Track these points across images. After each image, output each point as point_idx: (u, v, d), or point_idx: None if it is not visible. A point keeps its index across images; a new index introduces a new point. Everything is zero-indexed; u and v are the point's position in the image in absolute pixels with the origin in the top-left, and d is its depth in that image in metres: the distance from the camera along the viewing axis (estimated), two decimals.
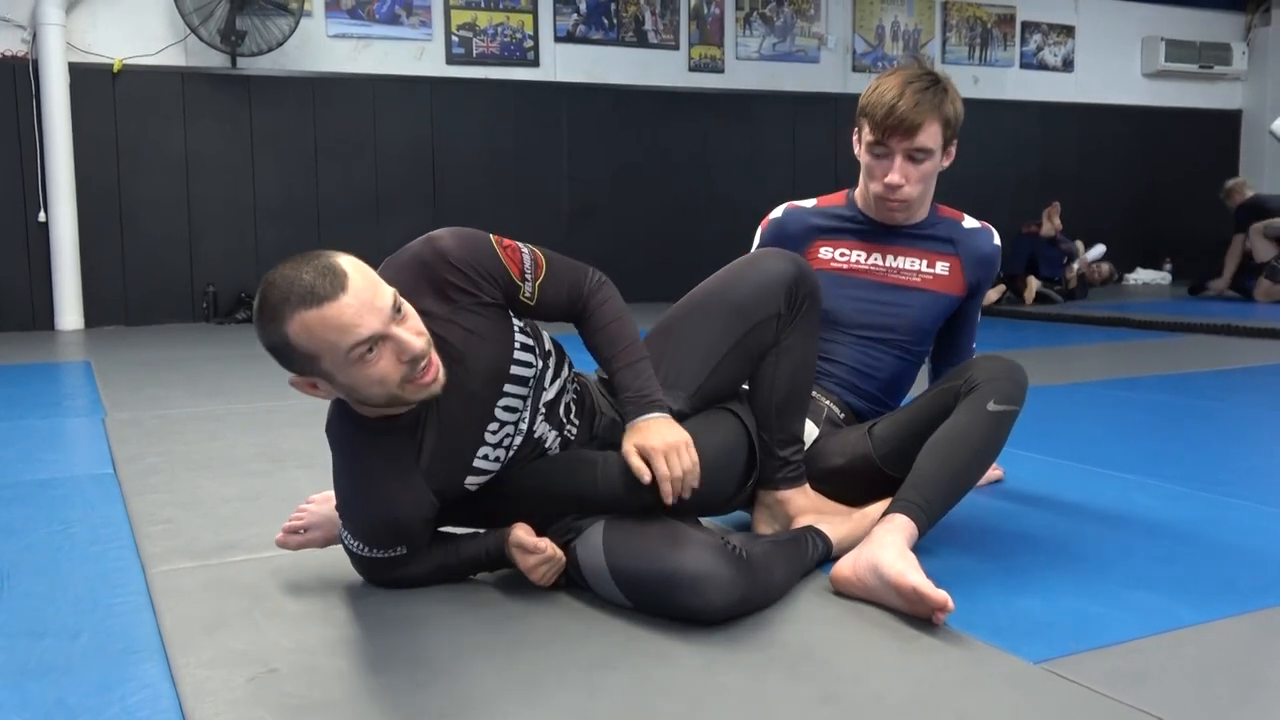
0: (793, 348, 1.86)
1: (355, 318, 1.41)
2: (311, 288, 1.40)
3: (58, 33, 6.14)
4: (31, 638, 1.58)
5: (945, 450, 1.81)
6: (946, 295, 2.15)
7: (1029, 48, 9.10)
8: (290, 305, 1.41)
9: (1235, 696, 1.38)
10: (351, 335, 1.42)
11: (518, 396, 1.66)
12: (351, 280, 1.42)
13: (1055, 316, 6.74)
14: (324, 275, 1.41)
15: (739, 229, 8.68)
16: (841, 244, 2.15)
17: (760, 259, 1.88)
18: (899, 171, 2.02)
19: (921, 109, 1.97)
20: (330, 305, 1.40)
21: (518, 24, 7.43)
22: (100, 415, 3.47)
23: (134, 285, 6.54)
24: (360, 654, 1.50)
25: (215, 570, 1.86)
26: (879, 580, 1.62)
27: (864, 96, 2.04)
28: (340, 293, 1.41)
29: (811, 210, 2.19)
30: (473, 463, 1.65)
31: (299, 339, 1.43)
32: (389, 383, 1.47)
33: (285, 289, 1.41)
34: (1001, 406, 1.84)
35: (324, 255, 1.45)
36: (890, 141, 2.00)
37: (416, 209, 7.17)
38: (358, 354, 1.43)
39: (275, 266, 1.46)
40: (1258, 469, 2.70)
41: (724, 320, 1.82)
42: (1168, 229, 9.67)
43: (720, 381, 1.85)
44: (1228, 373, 4.42)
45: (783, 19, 8.25)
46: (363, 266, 1.47)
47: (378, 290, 1.44)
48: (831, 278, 2.12)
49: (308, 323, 1.41)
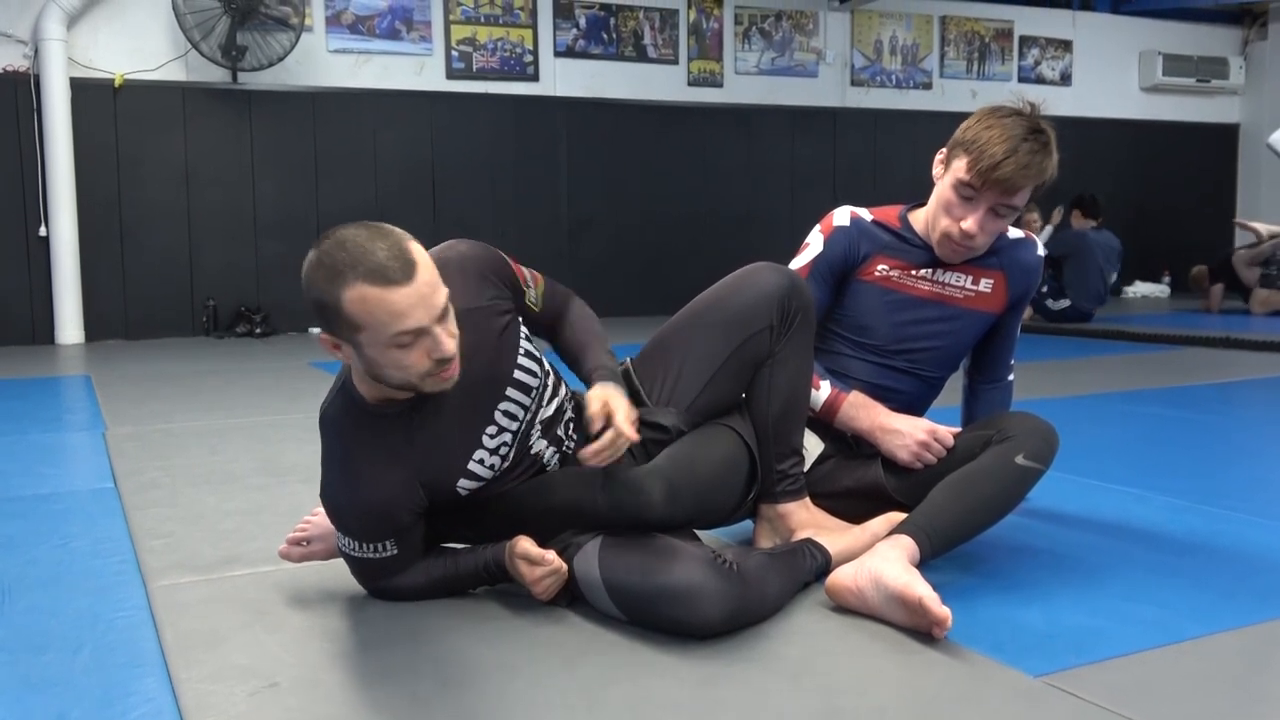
0: (787, 360, 1.85)
1: (411, 308, 1.46)
2: (384, 266, 1.44)
3: (59, 48, 6.16)
4: (33, 652, 1.58)
5: (963, 487, 1.81)
6: (987, 315, 2.09)
7: (1027, 62, 9.13)
8: (357, 274, 1.44)
9: (1237, 710, 1.38)
10: (402, 322, 1.46)
11: (519, 404, 1.69)
12: (420, 272, 1.47)
13: (1054, 330, 6.74)
14: (398, 258, 1.45)
15: (738, 242, 8.70)
16: (898, 262, 2.05)
17: (752, 273, 1.86)
18: (979, 223, 1.93)
19: (1029, 173, 1.88)
20: (397, 290, 1.44)
21: (517, 39, 7.45)
22: (101, 429, 3.47)
23: (134, 299, 6.55)
24: (361, 668, 1.50)
25: (216, 584, 1.86)
26: (879, 591, 1.62)
27: (971, 130, 1.93)
28: (409, 280, 1.45)
29: (873, 223, 2.09)
30: (467, 465, 1.66)
31: (352, 307, 1.46)
32: (412, 371, 1.52)
33: (356, 256, 1.45)
34: (1029, 463, 1.83)
35: (395, 234, 1.49)
36: (985, 191, 1.91)
37: (416, 223, 7.13)
38: (399, 340, 1.47)
39: (340, 227, 1.50)
40: (1258, 482, 2.71)
41: (718, 334, 1.82)
42: (1166, 242, 9.68)
43: (716, 395, 1.85)
44: (1227, 385, 4.42)
45: (781, 34, 8.28)
46: (428, 260, 1.51)
47: (437, 288, 1.49)
48: (881, 294, 2.06)
49: (367, 297, 1.45)
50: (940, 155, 2.01)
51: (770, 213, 8.23)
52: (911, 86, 8.74)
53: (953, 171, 1.95)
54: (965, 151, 1.92)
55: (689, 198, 7.99)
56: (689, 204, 7.99)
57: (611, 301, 7.72)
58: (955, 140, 1.96)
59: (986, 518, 1.82)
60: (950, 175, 1.95)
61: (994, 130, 1.90)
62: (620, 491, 1.66)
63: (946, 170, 1.98)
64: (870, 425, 1.98)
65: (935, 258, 2.05)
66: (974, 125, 1.94)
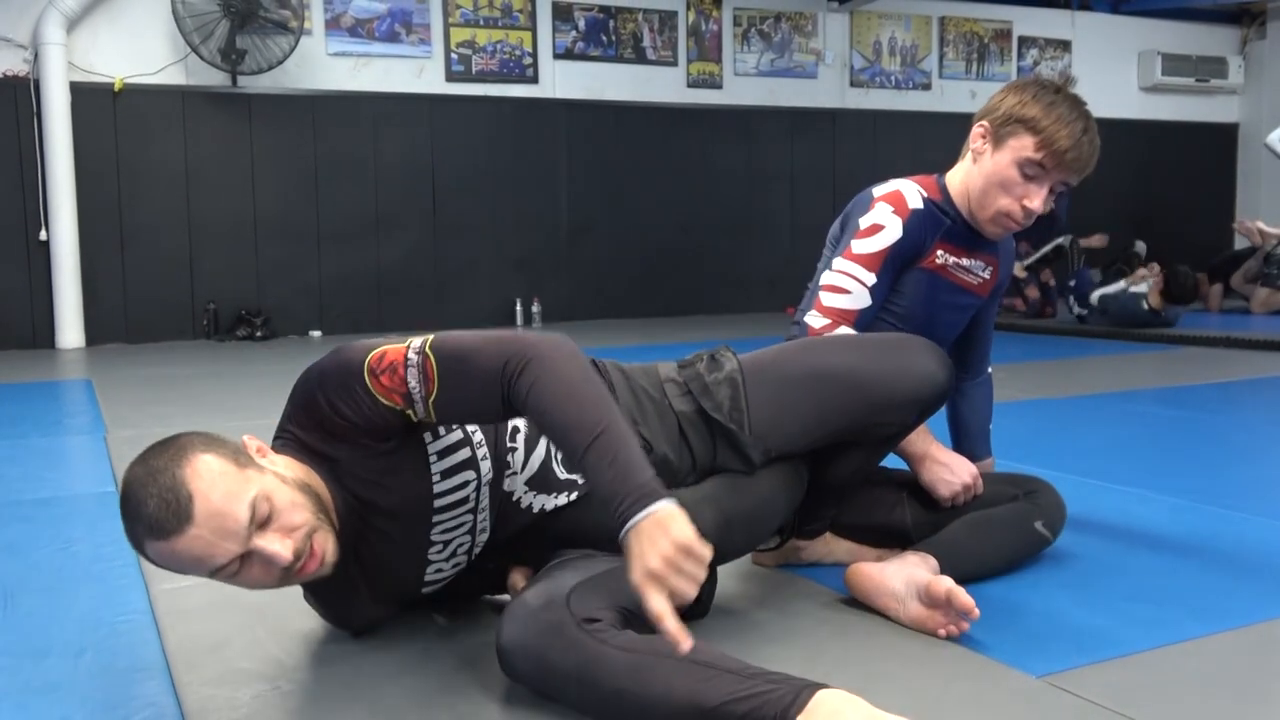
0: (885, 445, 1.73)
1: (207, 549, 1.27)
2: (155, 521, 1.26)
3: (59, 52, 6.17)
4: (35, 656, 1.58)
5: (983, 530, 1.83)
6: (981, 301, 2.05)
7: (1026, 62, 9.14)
8: (139, 533, 1.28)
9: (1238, 709, 1.38)
10: (208, 564, 1.29)
11: (455, 519, 1.50)
12: (198, 506, 1.26)
13: (1053, 329, 6.74)
14: (167, 504, 1.25)
15: (737, 244, 8.68)
16: (951, 247, 1.94)
17: (915, 355, 1.65)
18: (1045, 202, 1.86)
19: (1096, 153, 1.85)
20: (177, 540, 1.26)
21: (517, 41, 7.46)
22: (102, 433, 3.47)
23: (135, 303, 6.55)
24: (364, 671, 1.50)
25: (218, 589, 1.84)
26: (904, 582, 1.63)
27: (1029, 108, 1.83)
28: (186, 524, 1.25)
29: (929, 200, 1.93)
30: (424, 579, 1.55)
31: (160, 561, 1.31)
32: (269, 582, 1.35)
33: (133, 513, 1.28)
34: (1044, 531, 1.88)
35: (172, 467, 1.28)
36: (1054, 171, 1.83)
37: (416, 225, 7.19)
38: (227, 572, 1.31)
39: (131, 464, 1.32)
40: (1259, 481, 2.71)
41: (852, 404, 1.63)
42: (1165, 241, 9.68)
43: (808, 449, 1.67)
44: (1227, 385, 4.42)
45: (780, 35, 8.29)
46: (214, 477, 1.28)
47: (231, 508, 1.28)
48: (935, 281, 1.93)
49: (161, 551, 1.28)
50: (981, 129, 1.90)
51: (769, 214, 8.24)
52: (911, 87, 8.74)
53: (1013, 150, 1.84)
54: (1030, 130, 1.82)
55: (688, 199, 7.99)
56: (688, 205, 7.99)
57: (611, 303, 7.75)
58: (1009, 116, 1.85)
59: (995, 564, 1.84)
60: (1009, 153, 1.84)
61: (1059, 109, 1.82)
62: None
63: (1000, 147, 1.86)
64: (923, 451, 1.90)
65: (974, 239, 1.96)
66: (1030, 102, 1.83)
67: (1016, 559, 1.88)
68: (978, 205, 1.91)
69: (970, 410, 2.15)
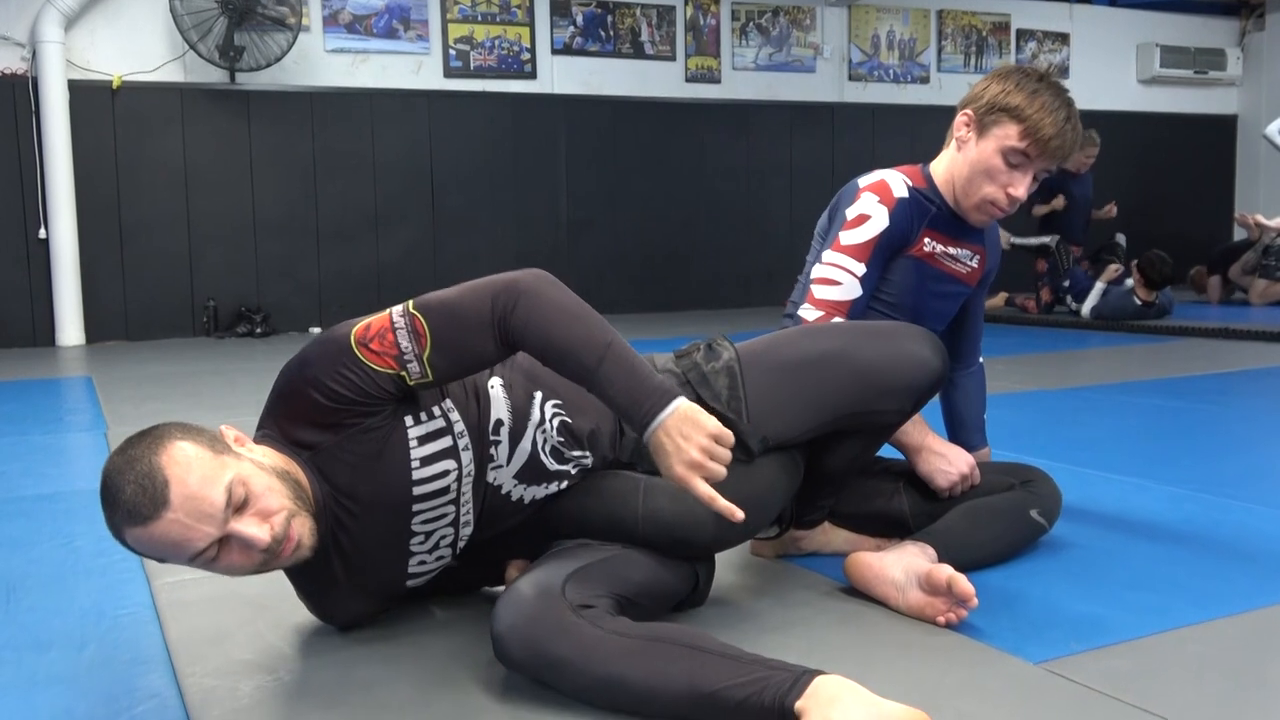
0: (882, 434, 1.74)
1: (184, 533, 1.28)
2: (132, 506, 1.26)
3: (57, 50, 6.16)
4: (39, 650, 1.59)
5: (980, 518, 1.84)
6: (969, 290, 2.06)
7: (1024, 55, 9.13)
8: (117, 521, 1.29)
9: (1236, 695, 1.38)
10: (187, 548, 1.29)
11: (435, 509, 1.48)
12: (174, 492, 1.26)
13: (1053, 321, 6.74)
14: (143, 490, 1.26)
15: (737, 238, 8.67)
16: (938, 235, 1.95)
17: (910, 342, 1.65)
18: (1028, 189, 1.88)
19: (1078, 141, 1.88)
20: (154, 525, 1.27)
21: (515, 37, 7.45)
22: (102, 430, 3.48)
23: (134, 300, 6.56)
24: (364, 662, 1.51)
25: (219, 582, 1.86)
26: (904, 570, 1.64)
27: (1012, 96, 1.85)
28: (163, 509, 1.26)
29: (914, 189, 1.94)
30: (407, 571, 1.54)
31: (139, 548, 1.31)
32: (248, 567, 1.35)
33: (112, 500, 1.28)
34: (1041, 520, 1.90)
35: (149, 455, 1.28)
36: (1037, 159, 1.85)
37: (415, 221, 7.19)
38: (202, 560, 1.31)
39: (110, 454, 1.33)
40: (1257, 470, 2.71)
41: (848, 391, 1.63)
42: (1164, 233, 9.68)
43: (806, 437, 1.67)
44: (1225, 376, 4.43)
45: (778, 29, 8.28)
46: (190, 462, 1.29)
47: (207, 492, 1.28)
48: (922, 270, 1.94)
49: (139, 538, 1.29)
50: (965, 117, 1.92)
51: (768, 208, 8.24)
52: (909, 81, 8.74)
53: (998, 138, 1.86)
54: (1014, 119, 1.84)
55: (687, 193, 7.99)
56: (687, 200, 7.99)
57: (610, 298, 7.75)
58: (993, 104, 1.87)
59: (992, 553, 1.85)
60: (994, 142, 1.86)
61: (1041, 97, 1.84)
62: (665, 512, 1.52)
63: (984, 136, 1.88)
64: (919, 442, 1.91)
65: (960, 228, 1.97)
66: (1014, 91, 1.85)
67: (1013, 548, 1.89)
68: (962, 193, 1.93)
69: (964, 400, 2.16)
